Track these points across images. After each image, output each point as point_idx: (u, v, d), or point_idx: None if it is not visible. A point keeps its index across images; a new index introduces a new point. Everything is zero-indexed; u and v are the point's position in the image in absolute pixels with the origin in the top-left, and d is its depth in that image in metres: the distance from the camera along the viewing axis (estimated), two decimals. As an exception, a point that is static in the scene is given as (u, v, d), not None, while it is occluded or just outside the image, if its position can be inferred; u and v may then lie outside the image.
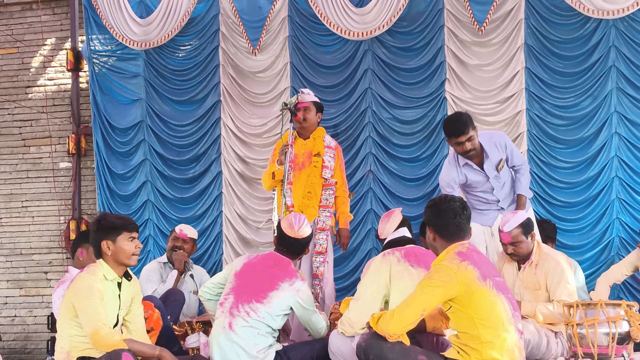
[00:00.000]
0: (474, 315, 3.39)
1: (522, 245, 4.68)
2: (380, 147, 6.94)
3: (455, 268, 3.41)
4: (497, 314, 3.42)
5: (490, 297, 3.42)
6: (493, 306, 3.42)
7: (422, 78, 6.89)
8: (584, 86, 6.56)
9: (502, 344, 3.40)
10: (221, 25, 7.30)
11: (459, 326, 3.47)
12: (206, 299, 4.59)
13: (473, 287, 3.40)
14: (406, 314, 3.45)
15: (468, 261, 3.46)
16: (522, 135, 6.63)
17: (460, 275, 3.39)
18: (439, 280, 3.42)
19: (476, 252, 3.60)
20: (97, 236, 3.97)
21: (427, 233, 3.69)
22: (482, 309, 3.40)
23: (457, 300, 3.42)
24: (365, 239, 6.88)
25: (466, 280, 3.39)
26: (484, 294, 3.41)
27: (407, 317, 3.45)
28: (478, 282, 3.41)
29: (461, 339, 3.47)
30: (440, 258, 3.57)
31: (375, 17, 6.69)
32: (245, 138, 7.22)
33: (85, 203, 7.89)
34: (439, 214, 3.63)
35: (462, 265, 3.43)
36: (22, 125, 8.12)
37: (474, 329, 3.40)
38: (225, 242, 7.19)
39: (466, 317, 3.42)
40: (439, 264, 3.50)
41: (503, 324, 3.42)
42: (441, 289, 3.40)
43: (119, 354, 3.66)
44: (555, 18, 6.64)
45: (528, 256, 4.73)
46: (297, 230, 4.53)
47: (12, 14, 8.24)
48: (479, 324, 3.39)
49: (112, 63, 7.61)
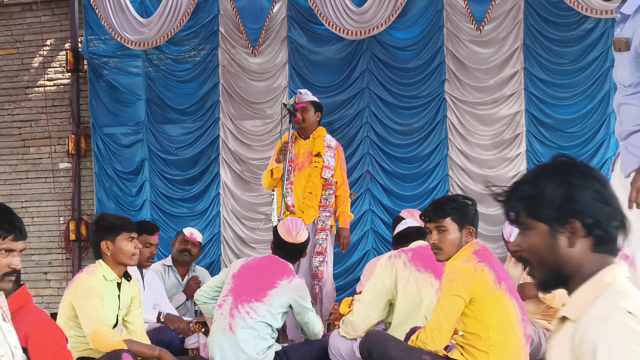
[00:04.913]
0: (487, 317, 3.35)
1: None
2: (378, 147, 6.95)
3: (472, 268, 3.37)
4: (509, 318, 3.38)
5: (504, 300, 3.39)
6: (506, 310, 3.39)
7: (420, 78, 6.89)
8: (582, 85, 6.57)
9: (511, 348, 3.37)
10: (220, 25, 7.31)
11: (469, 327, 3.43)
12: (202, 302, 4.55)
13: (488, 289, 3.36)
14: (444, 330, 3.39)
15: (485, 263, 3.42)
16: (521, 135, 6.64)
17: (477, 276, 3.36)
18: (460, 282, 3.36)
19: (489, 252, 3.57)
20: (96, 236, 3.98)
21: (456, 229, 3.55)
22: (495, 312, 3.36)
23: (472, 301, 3.38)
24: (364, 239, 6.89)
25: (483, 281, 3.36)
26: (499, 297, 3.38)
27: (446, 332, 3.41)
28: (493, 285, 3.37)
29: (468, 340, 3.42)
30: (456, 257, 3.51)
31: (373, 15, 6.69)
32: (244, 138, 7.23)
33: (85, 204, 7.89)
34: (476, 211, 3.60)
35: (479, 266, 3.39)
36: (22, 125, 8.13)
37: (484, 331, 3.36)
38: (223, 242, 7.19)
39: (478, 319, 3.38)
40: (457, 263, 3.44)
41: (513, 328, 3.38)
42: (464, 291, 3.35)
43: (119, 354, 3.66)
44: (553, 17, 6.65)
45: None
46: (295, 235, 4.51)
47: (11, 14, 8.24)
48: (490, 327, 3.35)
49: (112, 63, 7.62)
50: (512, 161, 6.68)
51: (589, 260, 1.73)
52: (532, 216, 1.77)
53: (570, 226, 1.72)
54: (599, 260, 1.73)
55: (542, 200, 1.75)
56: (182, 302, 5.61)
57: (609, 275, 1.71)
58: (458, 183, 6.75)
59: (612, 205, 1.74)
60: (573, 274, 1.75)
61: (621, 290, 1.68)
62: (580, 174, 1.75)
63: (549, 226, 1.75)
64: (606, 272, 1.71)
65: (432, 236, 3.56)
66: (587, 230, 1.72)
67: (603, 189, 1.74)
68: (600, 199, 1.72)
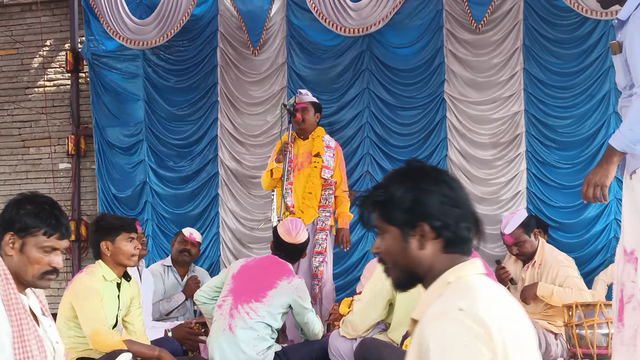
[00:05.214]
0: None
1: (527, 244, 4.77)
2: (377, 148, 6.95)
3: None
4: None
5: None
6: None
7: (420, 78, 6.90)
8: (582, 86, 6.57)
9: None
10: (220, 25, 7.31)
11: None
12: (202, 302, 4.56)
13: None
14: None
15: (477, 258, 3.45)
16: (521, 136, 6.64)
17: None
18: None
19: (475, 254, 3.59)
20: (96, 237, 3.97)
21: None
22: None
23: None
24: (364, 239, 6.89)
25: None
26: None
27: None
28: None
29: None
30: None
31: (371, 12, 6.67)
32: (242, 139, 7.23)
33: (84, 204, 7.89)
34: None
35: None
36: (22, 126, 8.13)
37: None
38: (222, 243, 7.19)
39: None
40: None
41: None
42: None
43: (118, 354, 3.66)
44: (553, 18, 6.65)
45: (533, 255, 4.78)
46: (294, 236, 4.52)
47: (11, 14, 8.24)
48: None
49: (112, 64, 7.62)
50: (512, 162, 6.68)
51: (440, 262, 1.80)
52: (385, 220, 1.83)
53: (420, 229, 1.78)
54: (450, 260, 1.80)
55: (393, 205, 1.80)
56: (181, 301, 5.62)
57: (452, 275, 1.77)
58: (458, 183, 6.73)
59: (461, 208, 1.80)
60: (426, 275, 1.81)
61: (461, 289, 1.73)
62: (430, 178, 1.80)
63: (400, 230, 1.80)
64: (451, 272, 1.78)
65: None
66: (436, 232, 1.78)
67: (452, 193, 1.80)
68: (449, 202, 1.78)
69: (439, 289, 1.77)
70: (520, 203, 6.55)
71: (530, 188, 6.63)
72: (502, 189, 6.67)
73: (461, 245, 1.81)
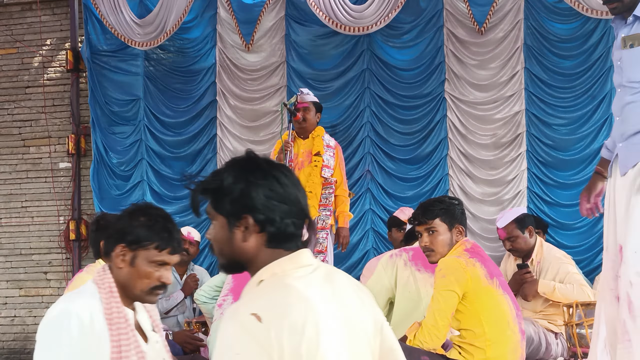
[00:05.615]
0: (481, 312, 3.40)
1: (519, 240, 4.76)
2: (378, 147, 6.94)
3: (463, 263, 3.43)
4: (503, 313, 3.43)
5: (496, 295, 3.44)
6: (499, 304, 3.43)
7: (421, 78, 6.89)
8: (583, 86, 6.56)
9: (507, 342, 3.40)
10: (217, 24, 7.31)
11: (464, 323, 3.46)
12: (202, 301, 4.55)
13: (481, 284, 3.41)
14: (441, 326, 3.42)
15: (476, 259, 3.48)
16: (522, 136, 6.63)
17: (469, 270, 3.41)
18: (452, 277, 3.41)
19: (480, 249, 3.63)
20: (96, 236, 3.96)
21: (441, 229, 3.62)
22: (488, 306, 3.41)
23: (465, 296, 3.42)
24: (364, 239, 6.88)
25: (475, 276, 3.41)
26: (491, 292, 3.43)
27: (442, 328, 3.43)
28: (485, 280, 3.43)
29: (465, 338, 3.45)
30: (448, 255, 3.57)
31: (373, 13, 6.66)
32: (241, 137, 7.22)
33: (85, 203, 7.88)
34: (463, 211, 3.71)
35: (470, 261, 3.45)
36: (22, 125, 8.12)
37: (479, 326, 3.39)
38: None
39: (472, 314, 3.41)
40: (448, 259, 3.50)
41: (508, 323, 3.42)
42: (456, 285, 3.40)
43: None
44: (554, 18, 6.64)
45: (529, 253, 4.77)
46: None
47: (11, 14, 8.23)
48: (485, 322, 3.39)
49: (112, 63, 7.62)
50: (513, 161, 6.67)
51: (263, 255, 1.81)
52: (215, 208, 1.84)
53: (245, 221, 1.79)
54: (272, 255, 1.80)
55: (222, 194, 1.81)
56: (180, 300, 5.62)
57: (268, 272, 1.79)
58: (458, 183, 6.74)
59: (288, 204, 1.80)
60: (250, 265, 1.83)
61: (262, 291, 1.75)
62: (260, 171, 1.81)
63: (226, 219, 1.81)
64: (267, 269, 1.79)
65: (423, 239, 3.62)
66: (260, 226, 1.79)
67: (280, 188, 1.80)
68: (275, 198, 1.79)
69: (251, 287, 1.79)
70: (521, 203, 6.54)
71: (531, 188, 6.62)
72: (503, 189, 6.66)
73: (285, 241, 1.80)
